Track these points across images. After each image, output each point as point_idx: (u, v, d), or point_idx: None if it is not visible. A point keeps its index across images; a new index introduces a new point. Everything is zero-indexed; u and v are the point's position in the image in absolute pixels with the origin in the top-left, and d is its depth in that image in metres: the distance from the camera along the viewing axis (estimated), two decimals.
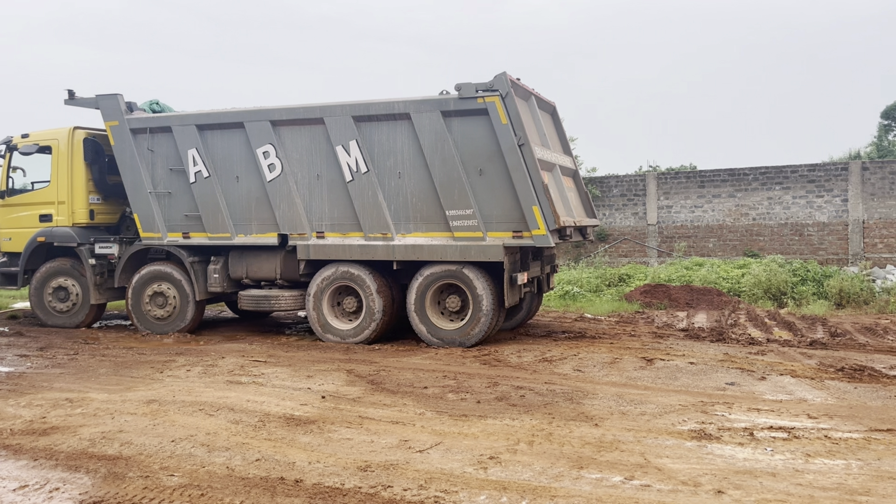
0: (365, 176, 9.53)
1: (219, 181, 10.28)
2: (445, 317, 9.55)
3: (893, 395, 6.45)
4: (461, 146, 9.13)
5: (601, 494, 4.16)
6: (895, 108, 33.78)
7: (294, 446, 5.19)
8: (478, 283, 9.11)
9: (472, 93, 8.96)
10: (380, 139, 9.51)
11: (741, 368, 7.68)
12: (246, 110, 10.17)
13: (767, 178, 18.05)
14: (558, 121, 10.90)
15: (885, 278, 14.82)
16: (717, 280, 14.93)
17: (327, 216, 9.87)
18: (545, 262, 10.60)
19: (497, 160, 8.98)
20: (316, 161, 9.84)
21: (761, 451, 4.89)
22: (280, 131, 9.95)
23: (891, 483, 4.25)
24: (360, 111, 9.51)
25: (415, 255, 9.39)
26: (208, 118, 10.32)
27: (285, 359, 8.65)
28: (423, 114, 9.18)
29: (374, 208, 9.54)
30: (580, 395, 6.62)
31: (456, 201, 9.17)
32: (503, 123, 8.83)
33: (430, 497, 4.19)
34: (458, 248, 9.18)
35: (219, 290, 10.55)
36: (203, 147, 10.26)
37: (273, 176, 9.98)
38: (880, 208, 17.05)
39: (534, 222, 8.84)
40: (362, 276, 9.57)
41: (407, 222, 9.50)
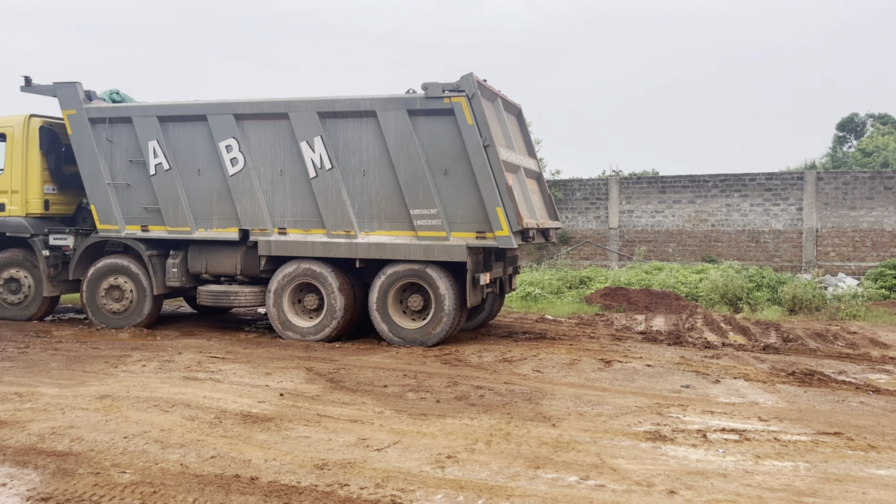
0: (329, 173, 9.47)
1: (180, 174, 10.12)
2: (407, 316, 9.54)
3: (841, 400, 6.63)
4: (427, 145, 9.13)
5: (556, 494, 4.20)
6: (850, 121, 34.76)
7: (250, 444, 5.14)
8: (440, 283, 9.12)
9: (438, 92, 8.97)
10: (345, 136, 9.46)
11: (696, 371, 7.82)
12: (209, 103, 10.03)
13: (727, 186, 18.42)
14: (524, 123, 10.98)
15: (837, 286, 15.23)
16: (675, 284, 15.18)
17: (290, 212, 9.78)
18: (508, 264, 10.67)
19: (462, 161, 9.01)
20: (279, 156, 9.74)
21: (713, 453, 4.98)
22: (243, 125, 9.83)
23: (836, 485, 4.37)
24: (325, 107, 9.45)
25: (378, 253, 9.36)
26: (170, 110, 10.15)
27: (244, 355, 8.55)
28: (390, 112, 9.16)
29: (338, 205, 9.49)
30: (539, 395, 6.67)
31: (420, 200, 9.17)
32: (469, 124, 8.86)
33: (386, 496, 4.18)
34: (422, 248, 9.18)
35: (177, 284, 10.38)
36: (164, 139, 10.09)
37: (235, 170, 9.86)
38: (833, 218, 17.53)
39: (497, 223, 8.89)
40: (324, 273, 9.51)
41: (371, 220, 9.47)
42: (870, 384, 7.34)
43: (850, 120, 34.67)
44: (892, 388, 7.24)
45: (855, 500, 4.10)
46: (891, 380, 7.66)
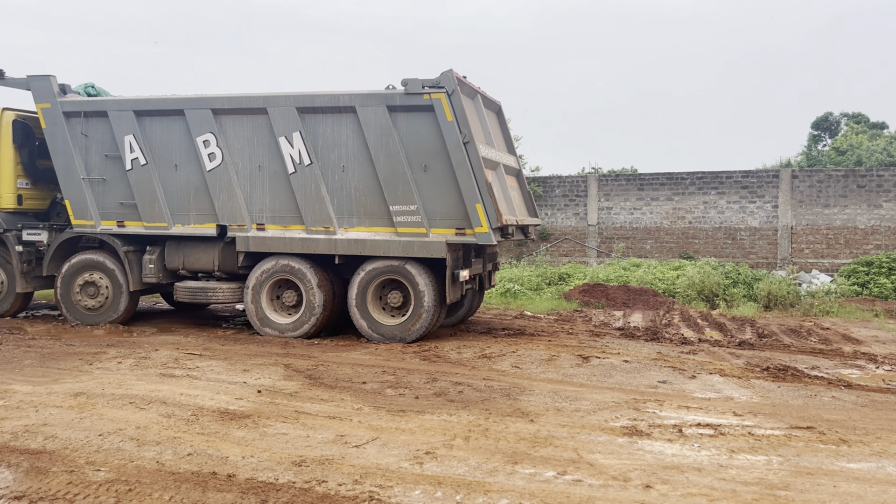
0: (308, 168, 9.43)
1: (156, 169, 10.02)
2: (387, 312, 9.53)
3: (813, 395, 6.74)
4: (406, 142, 9.12)
5: (534, 489, 4.22)
6: (825, 120, 35.23)
7: (228, 441, 5.11)
8: (420, 279, 9.13)
9: (418, 88, 8.96)
10: (324, 132, 9.42)
11: (673, 367, 7.90)
12: (186, 97, 9.94)
13: (704, 183, 18.59)
14: (503, 120, 11.00)
15: (811, 282, 15.45)
16: (653, 281, 15.31)
17: (268, 208, 9.72)
18: (487, 260, 10.69)
19: (442, 157, 9.01)
20: (258, 152, 9.68)
21: (689, 447, 5.04)
22: (221, 120, 9.75)
23: (808, 478, 4.44)
24: (304, 102, 9.40)
25: (357, 249, 9.34)
26: (147, 104, 10.04)
27: (221, 352, 8.50)
28: (369, 107, 9.14)
29: (317, 201, 9.45)
30: (517, 391, 6.70)
31: (400, 197, 9.16)
32: (449, 120, 8.86)
33: (364, 492, 4.18)
34: (401, 244, 9.17)
35: (154, 280, 10.28)
36: (140, 133, 9.98)
37: (213, 165, 9.78)
38: (808, 215, 17.77)
39: (477, 220, 8.90)
40: (303, 269, 9.47)
41: (350, 216, 9.44)
42: (842, 379, 7.47)
43: (825, 119, 35.14)
44: (864, 383, 7.37)
45: (826, 493, 4.18)
46: (862, 375, 7.80)
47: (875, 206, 17.29)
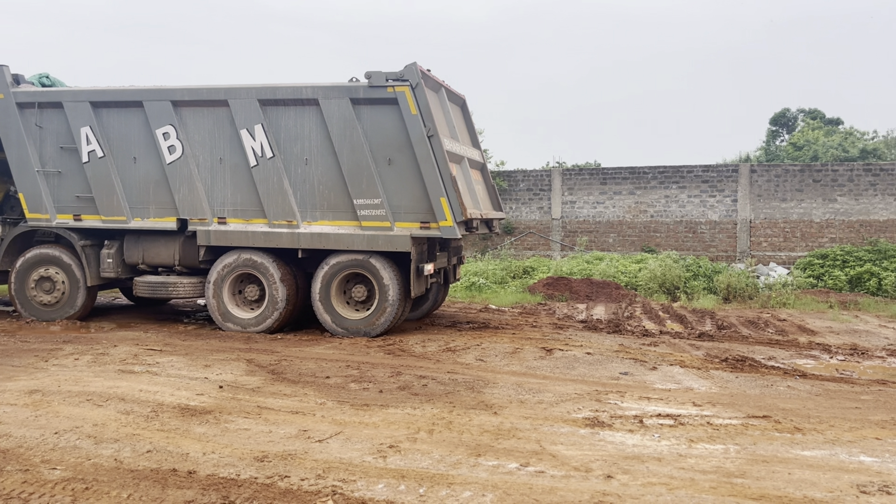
0: (270, 161, 9.33)
1: (114, 162, 9.82)
2: (351, 306, 9.48)
3: (770, 384, 6.89)
4: (370, 135, 9.07)
5: (497, 481, 4.25)
6: (782, 116, 35.96)
7: (188, 437, 5.04)
8: (384, 273, 9.10)
9: (382, 81, 8.91)
10: (286, 124, 9.32)
11: (635, 359, 8.01)
12: (145, 89, 9.75)
13: (665, 178, 18.84)
14: (468, 114, 11.00)
15: (768, 275, 15.78)
16: (615, 274, 15.49)
17: (230, 201, 9.60)
18: (452, 254, 10.70)
19: (406, 150, 8.98)
20: (219, 144, 9.55)
21: (649, 438, 5.12)
22: (181, 112, 9.59)
23: (764, 466, 4.54)
24: (266, 95, 9.29)
25: (321, 243, 9.27)
26: (104, 95, 9.82)
27: (182, 347, 8.37)
28: (332, 100, 9.06)
29: (280, 195, 9.35)
30: (481, 384, 6.73)
31: (364, 190, 9.11)
32: (413, 114, 8.83)
33: (327, 486, 4.17)
34: (366, 238, 9.13)
35: (112, 275, 10.08)
36: (98, 125, 9.77)
37: (173, 158, 9.61)
38: (766, 209, 18.13)
39: (441, 214, 8.90)
40: (265, 263, 9.38)
41: (313, 210, 9.36)
42: (797, 369, 7.65)
43: (783, 115, 35.88)
44: (818, 372, 7.56)
45: (781, 480, 4.28)
46: (817, 365, 8.00)
47: (830, 201, 17.71)
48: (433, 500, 3.97)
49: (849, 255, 15.57)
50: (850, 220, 17.54)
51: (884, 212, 17.37)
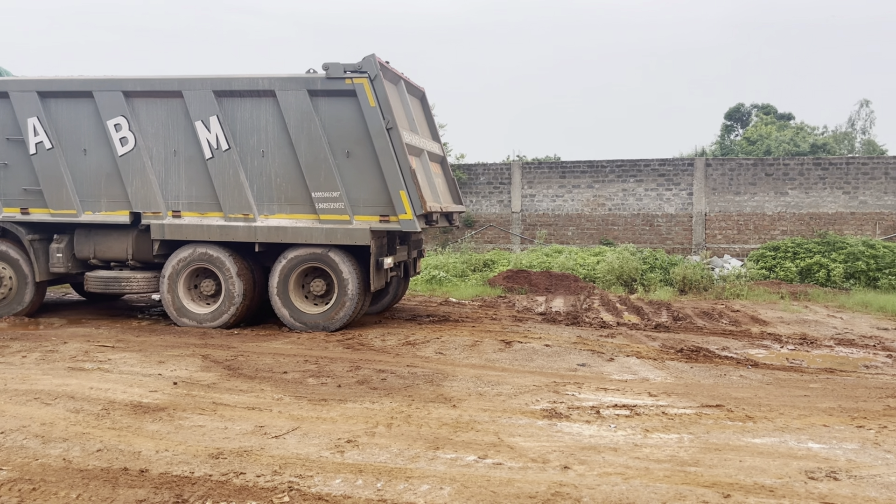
0: (226, 153, 9.17)
1: (63, 154, 9.55)
2: (310, 301, 9.39)
3: (723, 374, 7.03)
4: (328, 127, 8.98)
5: (455, 474, 4.25)
6: (736, 111, 36.66)
7: (141, 435, 4.94)
8: (343, 267, 9.03)
9: (340, 73, 8.82)
10: (242, 116, 9.17)
11: (592, 350, 8.09)
12: (95, 79, 9.49)
13: (623, 171, 19.07)
14: (427, 106, 10.96)
15: (723, 267, 16.10)
16: (574, 267, 15.64)
17: (184, 194, 9.42)
18: (412, 247, 10.67)
19: (365, 143, 8.91)
20: (173, 136, 9.35)
21: (606, 428, 5.18)
22: (134, 103, 9.37)
23: (716, 454, 4.63)
24: (221, 86, 9.12)
25: (278, 237, 9.16)
26: (52, 85, 9.54)
27: (135, 344, 8.20)
28: (289, 92, 8.95)
29: (236, 187, 9.21)
30: (440, 377, 6.73)
31: (322, 183, 9.02)
32: (371, 106, 8.76)
33: (284, 482, 4.12)
34: (324, 231, 9.04)
35: (62, 270, 9.82)
36: (45, 116, 9.49)
37: (125, 150, 9.38)
38: (720, 202, 18.48)
39: (401, 207, 8.86)
40: (221, 257, 9.23)
41: (270, 203, 9.24)
42: (749, 359, 7.82)
43: (737, 110, 36.58)
44: (769, 361, 7.74)
45: (732, 468, 4.36)
46: (768, 354, 8.19)
47: (782, 194, 18.13)
48: (391, 494, 3.96)
49: (799, 247, 15.97)
50: (800, 213, 17.99)
51: (832, 205, 17.86)
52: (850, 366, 7.62)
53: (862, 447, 4.77)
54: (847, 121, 33.87)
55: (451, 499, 3.90)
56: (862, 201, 17.76)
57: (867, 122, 33.40)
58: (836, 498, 3.90)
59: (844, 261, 14.99)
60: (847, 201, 17.81)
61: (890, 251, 15.07)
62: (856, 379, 6.91)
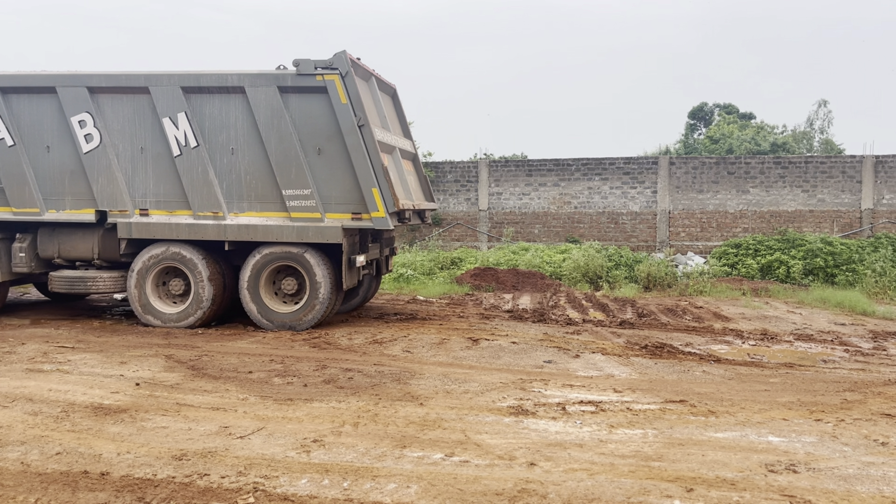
0: (194, 150, 9.04)
1: (25, 150, 9.35)
2: (279, 299, 9.30)
3: (687, 370, 7.14)
4: (299, 124, 8.89)
5: (422, 472, 4.25)
6: (700, 110, 37.23)
7: (101, 437, 4.85)
8: (315, 265, 8.95)
9: (310, 69, 8.73)
10: (211, 112, 9.04)
11: (558, 347, 8.16)
12: (58, 74, 9.28)
13: (588, 169, 19.24)
14: (399, 104, 10.90)
15: (686, 264, 16.35)
16: (541, 264, 15.74)
17: (152, 192, 9.25)
18: (384, 245, 10.61)
19: (336, 140, 8.84)
20: (140, 133, 9.19)
21: (572, 425, 5.22)
22: (99, 99, 9.19)
23: (679, 448, 4.70)
24: (189, 82, 8.98)
25: (248, 235, 9.04)
26: (12, 80, 9.32)
27: (97, 344, 8.04)
28: (259, 88, 8.84)
29: (205, 185, 9.07)
30: (408, 375, 6.72)
31: (293, 181, 8.92)
32: (343, 103, 8.69)
33: (249, 483, 4.08)
34: (295, 229, 8.95)
35: (25, 270, 9.60)
36: (6, 112, 9.30)
37: (90, 147, 9.19)
38: (683, 200, 18.76)
39: (373, 204, 8.80)
40: (190, 256, 9.10)
41: (240, 201, 9.12)
42: (712, 354, 7.96)
43: (700, 109, 37.16)
44: (731, 357, 7.88)
45: (695, 462, 4.43)
46: (730, 350, 8.34)
47: (743, 192, 18.46)
48: (357, 494, 3.94)
49: (760, 244, 16.28)
50: (761, 211, 18.34)
51: (792, 203, 18.24)
52: (808, 360, 7.79)
53: (820, 440, 4.88)
54: (806, 120, 34.60)
55: (417, 497, 3.90)
56: (820, 199, 18.17)
57: (825, 121, 34.17)
58: (796, 490, 3.99)
59: (803, 258, 15.32)
60: (806, 199, 18.20)
61: (847, 248, 15.44)
62: (814, 373, 7.07)
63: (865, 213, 17.95)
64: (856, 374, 7.01)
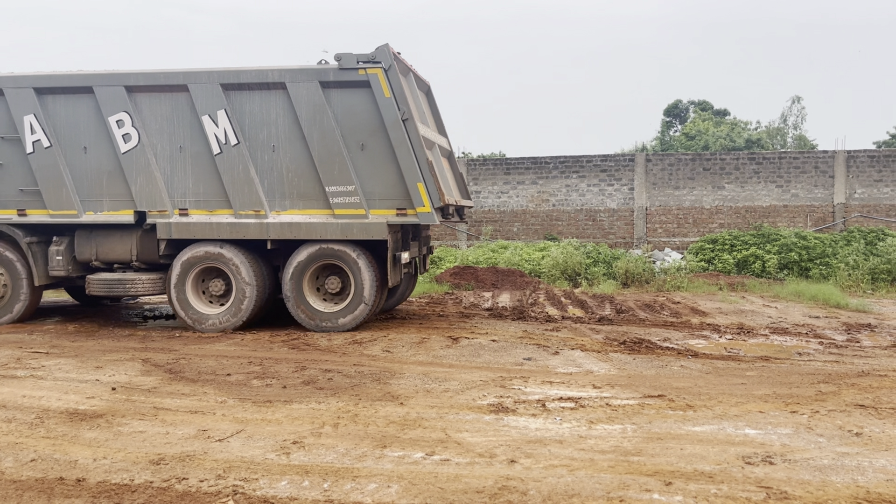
0: (235, 148, 8.93)
1: (62, 152, 9.23)
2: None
3: (665, 365, 7.20)
4: (341, 119, 8.79)
5: (402, 471, 4.25)
6: (675, 107, 37.55)
7: (77, 443, 4.78)
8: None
9: (353, 63, 8.63)
10: (251, 109, 8.94)
11: (538, 344, 8.19)
12: (96, 73, 9.17)
13: (566, 167, 19.33)
14: (433, 100, 10.65)
15: (664, 260, 16.49)
16: (520, 262, 15.79)
17: (191, 192, 9.14)
18: (422, 244, 10.53)
19: (380, 135, 8.74)
20: (179, 132, 9.08)
21: (551, 421, 5.24)
22: (136, 98, 9.08)
23: (658, 443, 4.74)
24: (229, 79, 8.88)
25: (291, 233, 8.93)
26: (49, 80, 9.19)
27: (71, 349, 7.94)
28: (300, 83, 8.74)
29: (246, 183, 8.96)
30: (388, 375, 6.71)
31: (336, 177, 8.82)
32: (386, 97, 8.60)
33: (228, 486, 4.04)
34: (340, 226, 8.84)
35: (63, 274, 9.47)
36: (43, 113, 9.15)
37: (128, 147, 9.08)
38: (660, 197, 18.91)
39: (419, 199, 8.71)
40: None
41: (282, 199, 9.01)
42: (689, 349, 8.03)
43: (675, 106, 37.49)
44: (709, 351, 7.96)
45: (674, 456, 4.47)
46: (707, 344, 8.43)
47: (718, 188, 18.66)
48: (338, 495, 3.93)
49: (736, 239, 16.47)
50: (737, 206, 18.54)
51: (766, 198, 18.46)
52: (784, 353, 7.89)
53: (796, 432, 4.95)
54: (780, 116, 35.05)
55: (398, 496, 3.89)
56: (794, 194, 18.41)
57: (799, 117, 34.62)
58: (772, 482, 4.04)
59: (778, 252, 15.52)
60: (780, 194, 18.44)
61: (820, 242, 15.67)
62: (789, 366, 7.17)
63: (838, 208, 18.22)
64: (830, 367, 7.11)
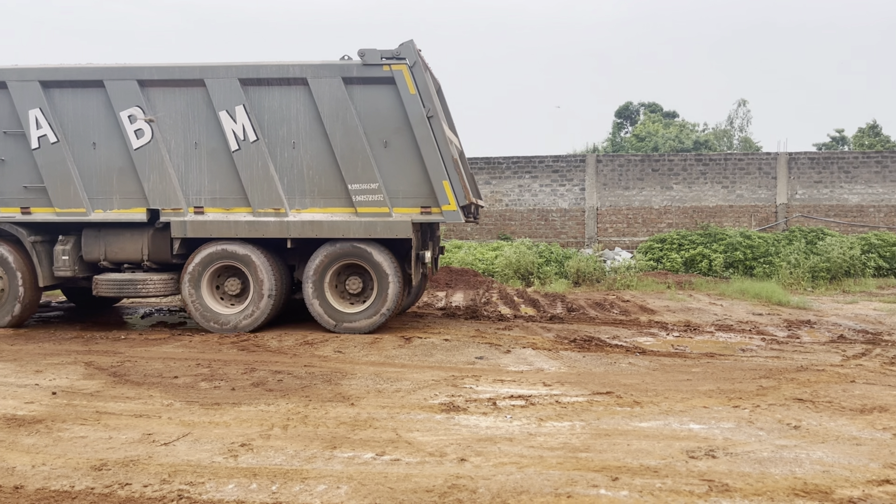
0: (254, 145, 8.72)
1: (70, 148, 8.90)
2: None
3: (614, 362, 7.32)
4: (364, 116, 8.64)
5: (352, 472, 4.23)
6: (625, 109, 38.17)
7: (15, 450, 4.63)
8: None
9: (377, 59, 8.49)
10: (271, 105, 8.73)
11: (490, 343, 8.24)
12: (106, 67, 8.86)
13: (519, 168, 19.49)
14: (444, 99, 10.65)
15: (614, 259, 16.76)
16: (473, 261, 15.86)
17: (207, 189, 8.89)
18: (436, 243, 10.43)
19: (404, 132, 8.61)
20: (194, 127, 8.82)
21: (502, 419, 5.28)
22: (149, 93, 8.81)
23: (606, 439, 4.81)
24: (248, 73, 8.66)
25: (312, 231, 8.74)
26: (56, 74, 8.85)
27: (9, 353, 7.68)
28: (323, 79, 8.57)
29: (265, 181, 8.75)
30: (339, 376, 6.67)
31: (359, 174, 8.65)
32: (411, 94, 8.48)
33: (173, 491, 3.97)
34: (363, 225, 8.68)
35: (68, 274, 9.13)
36: (49, 107, 8.81)
37: (141, 143, 8.79)
38: (610, 197, 19.21)
39: (444, 197, 8.60)
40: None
41: (303, 197, 8.82)
42: (638, 346, 8.18)
43: (626, 108, 38.11)
44: (656, 348, 8.12)
45: (620, 452, 4.55)
46: (655, 342, 8.59)
47: (667, 188, 19.04)
48: (286, 497, 3.89)
49: (684, 238, 16.84)
50: (684, 207, 18.95)
51: (713, 198, 18.92)
52: (728, 350, 8.10)
53: (737, 426, 5.08)
54: (726, 119, 35.95)
55: (347, 497, 3.87)
56: (739, 195, 18.90)
57: (744, 120, 35.59)
58: (714, 475, 4.14)
59: (724, 251, 15.91)
60: (726, 195, 18.91)
61: (764, 242, 16.12)
62: (733, 362, 7.36)
63: (780, 208, 18.78)
64: (771, 362, 7.32)
